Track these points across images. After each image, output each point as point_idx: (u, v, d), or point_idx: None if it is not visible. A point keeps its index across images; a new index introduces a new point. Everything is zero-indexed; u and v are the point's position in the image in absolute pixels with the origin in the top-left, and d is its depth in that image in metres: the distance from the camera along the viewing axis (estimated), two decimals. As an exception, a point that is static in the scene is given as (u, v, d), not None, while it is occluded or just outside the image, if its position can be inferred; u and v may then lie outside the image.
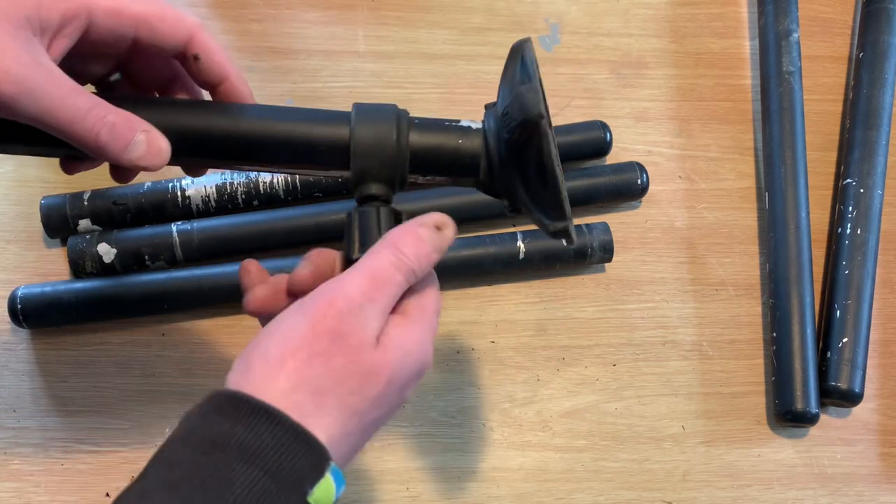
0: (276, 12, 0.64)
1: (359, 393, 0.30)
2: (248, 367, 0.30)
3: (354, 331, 0.30)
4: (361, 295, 0.31)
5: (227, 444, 0.27)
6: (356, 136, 0.36)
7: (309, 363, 0.29)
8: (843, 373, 0.54)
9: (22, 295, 0.51)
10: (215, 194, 0.55)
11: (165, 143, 0.34)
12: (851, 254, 0.57)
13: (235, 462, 0.27)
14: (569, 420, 0.54)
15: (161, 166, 0.35)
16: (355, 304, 0.30)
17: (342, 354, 0.30)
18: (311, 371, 0.29)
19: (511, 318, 0.56)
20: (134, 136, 0.33)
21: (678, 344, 0.57)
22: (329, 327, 0.30)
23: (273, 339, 0.30)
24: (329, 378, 0.30)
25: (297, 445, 0.28)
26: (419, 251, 0.33)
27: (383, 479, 0.51)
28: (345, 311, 0.30)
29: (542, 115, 0.32)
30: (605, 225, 0.57)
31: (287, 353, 0.29)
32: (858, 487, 0.54)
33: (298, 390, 0.29)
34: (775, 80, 0.62)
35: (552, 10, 0.67)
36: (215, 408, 0.28)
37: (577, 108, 0.63)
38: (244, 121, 0.37)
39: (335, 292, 0.31)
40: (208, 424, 0.28)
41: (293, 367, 0.29)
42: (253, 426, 0.27)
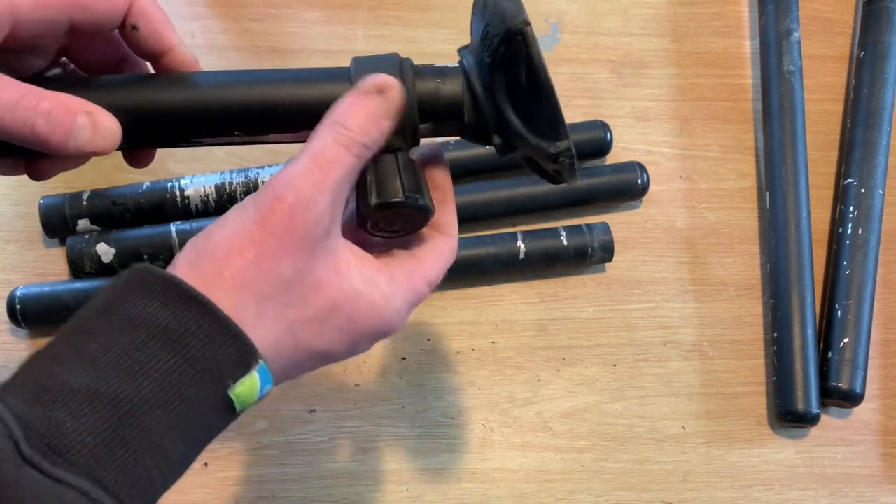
0: (275, 11, 0.64)
1: (299, 307, 0.29)
2: (198, 259, 0.28)
3: (306, 227, 0.28)
4: (310, 185, 0.29)
5: (149, 324, 0.26)
6: None
7: (256, 264, 0.28)
8: (843, 373, 0.54)
9: (21, 295, 0.51)
10: (214, 194, 0.55)
11: (113, 122, 0.31)
12: (852, 254, 0.57)
13: (154, 344, 0.26)
14: (569, 420, 0.53)
15: (113, 148, 0.31)
16: (304, 195, 0.28)
17: (291, 257, 0.28)
18: (258, 272, 0.28)
19: (511, 318, 0.56)
20: (75, 119, 0.30)
21: (679, 344, 0.57)
22: (279, 224, 0.28)
23: (223, 231, 0.29)
24: (273, 283, 0.28)
25: (222, 338, 0.27)
26: (364, 121, 0.30)
27: (383, 479, 0.51)
28: (294, 205, 0.28)
29: (526, 21, 0.30)
30: (606, 225, 0.57)
31: (234, 250, 0.28)
32: (859, 488, 0.53)
33: (241, 291, 0.28)
34: (776, 80, 0.62)
35: (552, 9, 0.67)
36: (142, 286, 0.27)
37: (577, 108, 0.63)
38: (221, 88, 0.33)
39: (283, 185, 0.29)
40: (133, 302, 0.27)
41: (239, 265, 0.28)
42: (179, 311, 0.26)
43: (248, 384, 0.27)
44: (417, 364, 0.54)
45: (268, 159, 0.59)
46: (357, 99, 0.31)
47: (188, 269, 0.28)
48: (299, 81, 0.33)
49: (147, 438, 0.25)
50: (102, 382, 0.25)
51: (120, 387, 0.25)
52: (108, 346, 0.26)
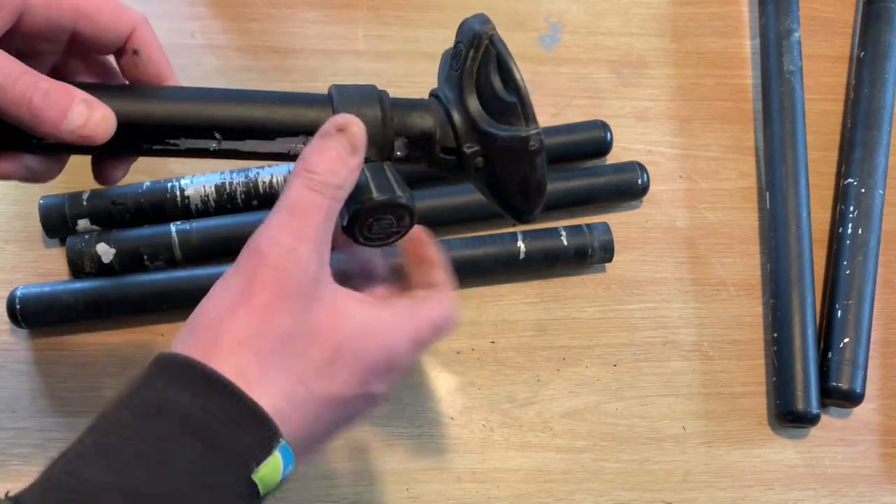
0: (275, 11, 0.64)
1: (303, 356, 0.28)
2: (192, 331, 0.28)
3: (296, 278, 0.28)
4: (290, 236, 0.28)
5: (169, 410, 0.25)
6: None
7: (249, 321, 0.27)
8: (844, 373, 0.54)
9: (21, 295, 0.51)
10: (214, 194, 0.55)
11: (109, 111, 0.30)
12: (852, 254, 0.57)
13: (178, 432, 0.25)
14: (569, 420, 0.53)
15: (106, 136, 0.30)
16: (285, 247, 0.28)
17: (284, 309, 0.28)
18: (252, 330, 0.27)
19: (511, 318, 0.56)
20: (73, 101, 0.29)
21: (679, 344, 0.57)
22: (267, 279, 0.28)
23: (210, 299, 0.28)
24: (271, 336, 0.27)
25: (244, 419, 0.26)
26: (330, 163, 0.30)
27: (383, 479, 0.51)
28: (277, 259, 0.28)
29: (493, 26, 0.33)
30: (606, 225, 0.57)
31: (225, 315, 0.27)
32: (860, 488, 0.53)
33: (240, 352, 0.27)
34: (776, 80, 0.62)
35: (552, 9, 0.67)
36: (160, 371, 0.26)
37: (577, 108, 0.63)
38: (212, 103, 0.33)
39: (262, 242, 0.28)
40: (152, 388, 0.26)
41: (233, 325, 0.27)
42: (199, 395, 0.25)
43: (271, 465, 0.26)
44: (418, 364, 0.54)
45: (268, 159, 0.59)
46: (320, 143, 0.31)
47: (184, 346, 0.27)
48: (279, 101, 0.34)
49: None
50: (125, 478, 0.24)
51: (143, 481, 0.24)
52: (128, 438, 0.25)
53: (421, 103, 0.37)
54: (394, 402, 0.53)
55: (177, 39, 0.62)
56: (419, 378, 0.54)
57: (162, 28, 0.62)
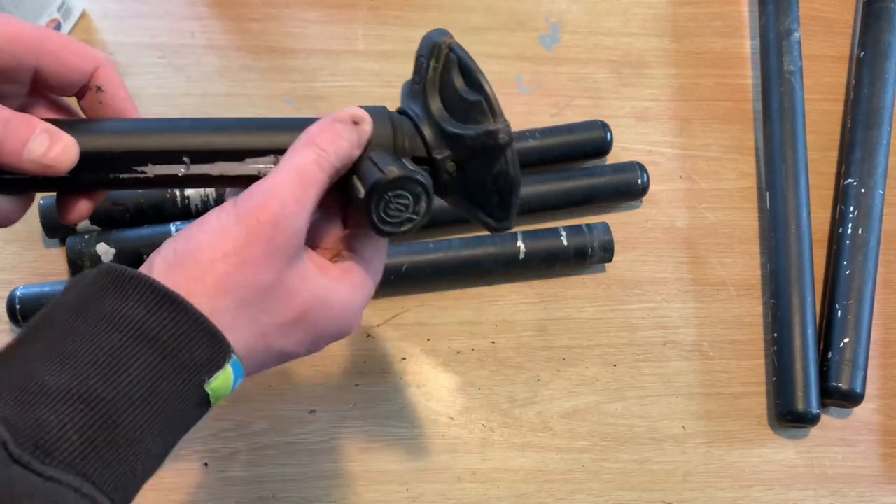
0: (275, 11, 0.64)
1: (272, 312, 0.30)
2: (180, 262, 0.29)
3: (287, 239, 0.30)
4: (294, 199, 0.30)
5: (125, 324, 0.27)
6: None
7: (239, 270, 0.29)
8: (844, 373, 0.54)
9: (21, 295, 0.51)
10: (214, 194, 0.55)
11: (72, 140, 0.30)
12: (852, 254, 0.57)
13: (132, 343, 0.26)
14: (569, 421, 0.53)
15: (69, 166, 0.30)
16: (289, 209, 0.30)
17: (271, 267, 0.29)
18: (240, 279, 0.29)
19: (511, 319, 0.56)
20: (33, 132, 0.29)
21: (679, 344, 0.56)
22: (263, 233, 0.29)
23: (206, 237, 0.29)
24: (252, 290, 0.29)
25: (198, 334, 0.27)
26: (339, 147, 0.32)
27: (383, 479, 0.51)
28: (279, 216, 0.29)
29: (450, 36, 0.33)
30: (606, 225, 0.57)
31: (218, 257, 0.29)
32: (860, 488, 0.53)
33: (221, 296, 0.28)
34: (776, 80, 0.62)
35: (552, 9, 0.67)
36: (115, 284, 0.27)
37: (577, 108, 0.63)
38: (179, 128, 0.33)
39: (268, 195, 0.30)
40: (108, 301, 0.27)
41: (223, 270, 0.28)
42: (155, 310, 0.27)
43: (222, 378, 0.28)
44: (417, 364, 0.54)
45: (268, 159, 0.59)
46: (333, 125, 0.32)
47: (167, 272, 0.29)
48: (250, 126, 0.33)
49: (129, 435, 0.26)
50: (83, 383, 0.25)
51: (101, 386, 0.26)
52: (84, 346, 0.26)
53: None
54: (394, 402, 0.53)
55: (177, 39, 0.62)
56: (419, 378, 0.54)
57: (162, 28, 0.62)
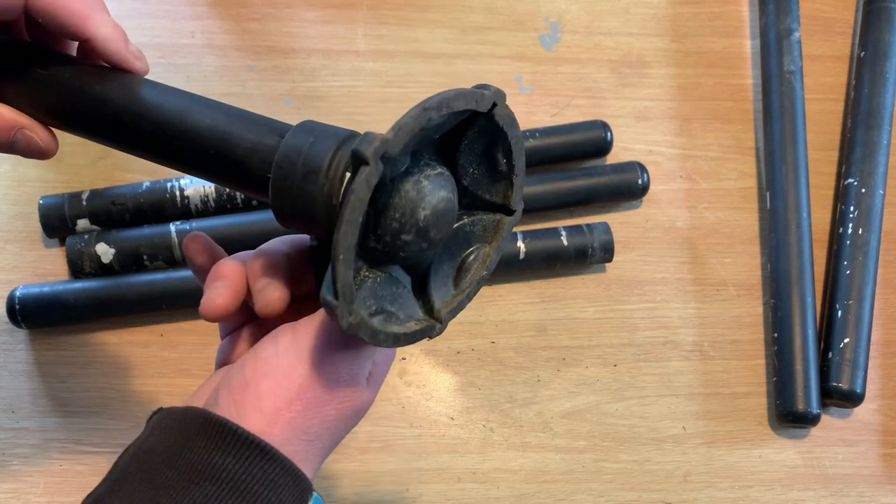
0: (275, 11, 0.64)
1: (342, 432, 0.31)
2: (239, 412, 0.28)
3: (352, 377, 0.29)
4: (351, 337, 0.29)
5: (218, 476, 0.26)
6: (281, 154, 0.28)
7: (304, 415, 0.28)
8: (844, 373, 0.54)
9: (20, 295, 0.51)
10: (214, 194, 0.55)
11: (46, 135, 0.33)
12: (853, 254, 0.57)
13: (226, 496, 0.26)
14: (569, 421, 0.53)
15: (51, 154, 0.33)
16: (350, 349, 0.29)
17: (335, 403, 0.29)
18: (306, 422, 0.29)
19: (511, 319, 0.56)
20: (10, 135, 0.32)
21: (679, 344, 0.56)
22: (325, 374, 0.29)
23: (267, 382, 0.29)
24: (322, 427, 0.29)
25: (285, 480, 0.27)
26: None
27: (383, 479, 0.51)
28: (339, 357, 0.29)
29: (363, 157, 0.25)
30: (606, 225, 0.57)
31: (282, 406, 0.28)
32: (860, 488, 0.53)
33: (293, 441, 0.28)
34: (776, 80, 0.62)
35: (552, 8, 0.67)
36: (203, 432, 0.27)
37: (577, 108, 0.63)
38: (149, 100, 0.31)
39: (332, 332, 0.29)
40: (196, 450, 0.27)
41: (288, 418, 0.28)
42: (243, 459, 0.27)
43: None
44: (418, 364, 0.54)
45: (268, 159, 0.59)
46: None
47: (236, 418, 0.28)
48: (233, 117, 0.31)
49: None
50: None
51: None
52: (181, 501, 0.26)
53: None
54: (394, 402, 0.53)
55: (177, 39, 0.62)
56: (419, 378, 0.54)
57: (162, 28, 0.62)
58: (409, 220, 0.28)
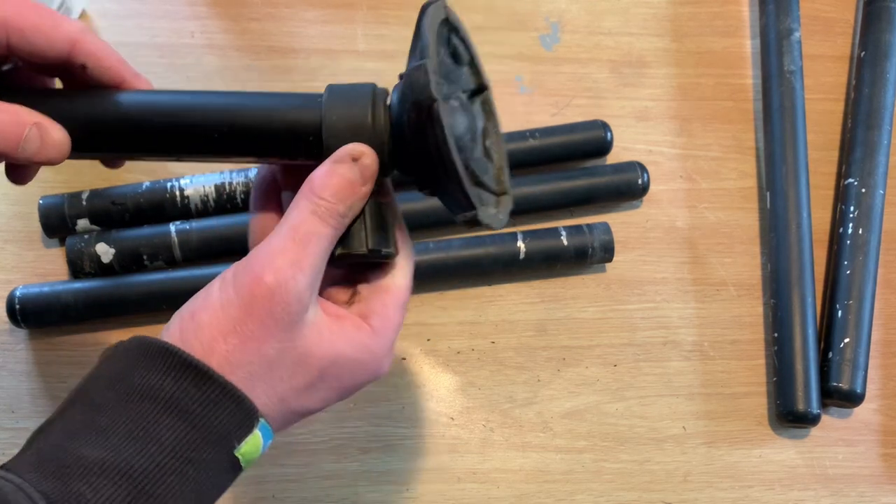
0: (275, 11, 0.64)
1: (288, 381, 0.30)
2: (183, 339, 0.29)
3: (286, 307, 0.29)
4: (289, 264, 0.29)
5: (155, 395, 0.27)
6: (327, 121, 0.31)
7: (241, 347, 0.29)
8: (844, 373, 0.54)
9: (20, 295, 0.51)
10: (214, 194, 0.55)
11: (61, 133, 0.32)
12: (853, 254, 0.57)
13: (163, 414, 0.27)
14: (569, 421, 0.53)
15: (62, 158, 0.32)
16: (283, 276, 0.29)
17: (274, 339, 0.29)
18: (244, 356, 0.29)
19: (511, 319, 0.56)
20: (24, 131, 0.31)
21: (679, 344, 0.56)
22: (260, 308, 0.29)
23: (206, 315, 0.29)
24: (260, 364, 0.29)
25: (225, 401, 0.28)
26: (339, 188, 0.30)
27: (383, 479, 0.51)
28: (273, 287, 0.29)
29: (432, 98, 0.29)
30: (606, 225, 0.57)
31: (218, 336, 0.29)
32: (860, 488, 0.53)
33: (230, 374, 0.29)
34: (776, 80, 0.62)
35: (552, 8, 0.67)
36: (144, 356, 0.28)
37: (577, 108, 0.63)
38: (177, 107, 0.32)
39: (261, 265, 0.29)
40: (137, 373, 0.28)
41: (225, 349, 0.29)
42: (181, 380, 0.28)
43: (251, 442, 0.29)
44: (417, 364, 0.54)
45: (268, 159, 0.59)
46: (332, 167, 0.31)
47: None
48: (265, 105, 0.32)
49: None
50: (117, 455, 0.26)
51: (134, 458, 0.26)
52: (118, 419, 0.27)
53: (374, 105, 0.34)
54: (394, 402, 0.53)
55: (177, 39, 0.62)
56: (419, 378, 0.54)
57: (162, 28, 0.62)
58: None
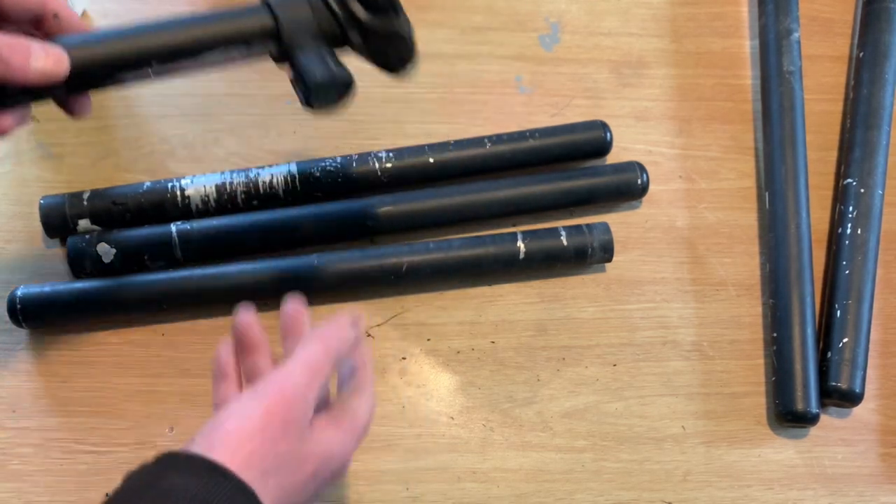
0: (275, 12, 0.64)
1: (292, 476, 0.35)
2: (210, 447, 0.33)
3: (298, 417, 0.36)
4: (305, 384, 0.36)
5: (180, 494, 0.31)
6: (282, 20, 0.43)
7: (262, 446, 0.34)
8: (843, 373, 0.54)
9: (21, 295, 0.51)
10: (215, 194, 0.55)
11: (59, 49, 0.38)
12: (852, 254, 0.57)
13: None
14: (569, 420, 0.54)
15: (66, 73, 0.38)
16: (300, 392, 0.36)
17: (287, 441, 0.35)
18: (262, 453, 0.34)
19: (511, 318, 0.56)
20: (31, 47, 0.36)
21: (678, 344, 0.57)
22: (280, 412, 0.35)
23: (232, 420, 0.34)
24: (275, 461, 0.34)
25: (238, 495, 0.32)
26: (341, 339, 0.39)
27: (383, 479, 0.51)
28: (291, 399, 0.36)
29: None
30: (606, 225, 0.57)
31: (245, 437, 0.34)
32: (859, 488, 0.54)
33: (250, 469, 0.33)
34: (776, 80, 0.62)
35: (552, 9, 0.67)
36: (171, 465, 0.32)
37: (577, 108, 0.63)
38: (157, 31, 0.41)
39: (283, 380, 0.36)
40: (164, 478, 0.32)
41: (249, 449, 0.33)
42: (204, 478, 0.31)
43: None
44: (417, 364, 0.54)
45: (269, 160, 0.59)
46: (339, 321, 0.40)
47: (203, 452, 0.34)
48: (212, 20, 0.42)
49: None
50: None
51: None
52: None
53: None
54: (394, 402, 0.53)
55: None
56: (419, 378, 0.54)
57: (162, 28, 0.62)
58: None
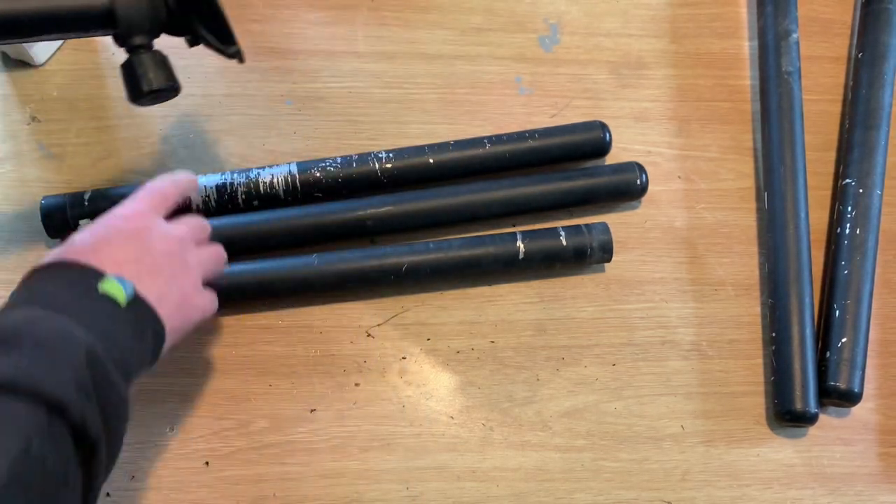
0: (276, 12, 0.64)
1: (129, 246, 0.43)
2: (64, 253, 0.41)
3: (128, 214, 0.44)
4: (133, 203, 0.45)
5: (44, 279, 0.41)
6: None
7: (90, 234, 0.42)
8: (842, 373, 0.54)
9: (22, 295, 0.51)
10: (215, 194, 0.55)
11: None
12: (851, 254, 0.57)
13: (51, 284, 0.40)
14: (568, 420, 0.54)
15: None
16: (129, 207, 0.45)
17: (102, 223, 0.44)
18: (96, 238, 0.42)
19: (511, 318, 0.56)
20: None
21: (677, 344, 0.57)
22: (112, 223, 0.43)
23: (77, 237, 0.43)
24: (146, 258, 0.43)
25: (84, 270, 0.40)
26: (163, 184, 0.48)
27: (383, 478, 0.51)
28: (121, 213, 0.44)
29: None
30: (605, 225, 0.57)
31: (101, 244, 0.42)
32: (858, 487, 0.54)
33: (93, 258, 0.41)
34: (774, 81, 0.62)
35: (552, 10, 0.67)
36: (32, 275, 0.41)
37: (576, 108, 0.63)
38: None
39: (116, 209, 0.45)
40: (34, 283, 0.41)
41: (80, 238, 0.42)
42: (61, 276, 0.40)
43: (109, 283, 0.39)
44: (417, 364, 0.54)
45: (268, 160, 0.59)
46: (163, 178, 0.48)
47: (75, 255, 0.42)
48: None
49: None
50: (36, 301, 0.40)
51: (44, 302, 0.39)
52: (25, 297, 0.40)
53: None
54: (394, 401, 0.53)
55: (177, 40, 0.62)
56: (419, 378, 0.54)
57: (163, 29, 0.62)
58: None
